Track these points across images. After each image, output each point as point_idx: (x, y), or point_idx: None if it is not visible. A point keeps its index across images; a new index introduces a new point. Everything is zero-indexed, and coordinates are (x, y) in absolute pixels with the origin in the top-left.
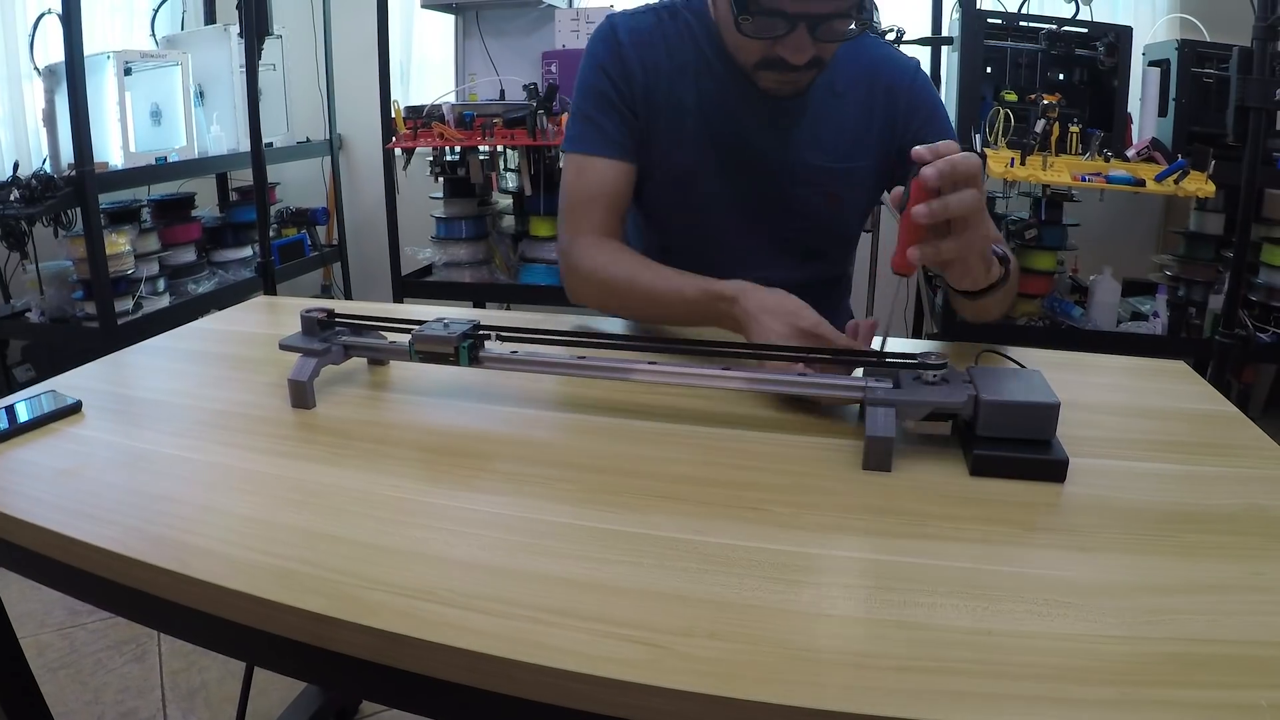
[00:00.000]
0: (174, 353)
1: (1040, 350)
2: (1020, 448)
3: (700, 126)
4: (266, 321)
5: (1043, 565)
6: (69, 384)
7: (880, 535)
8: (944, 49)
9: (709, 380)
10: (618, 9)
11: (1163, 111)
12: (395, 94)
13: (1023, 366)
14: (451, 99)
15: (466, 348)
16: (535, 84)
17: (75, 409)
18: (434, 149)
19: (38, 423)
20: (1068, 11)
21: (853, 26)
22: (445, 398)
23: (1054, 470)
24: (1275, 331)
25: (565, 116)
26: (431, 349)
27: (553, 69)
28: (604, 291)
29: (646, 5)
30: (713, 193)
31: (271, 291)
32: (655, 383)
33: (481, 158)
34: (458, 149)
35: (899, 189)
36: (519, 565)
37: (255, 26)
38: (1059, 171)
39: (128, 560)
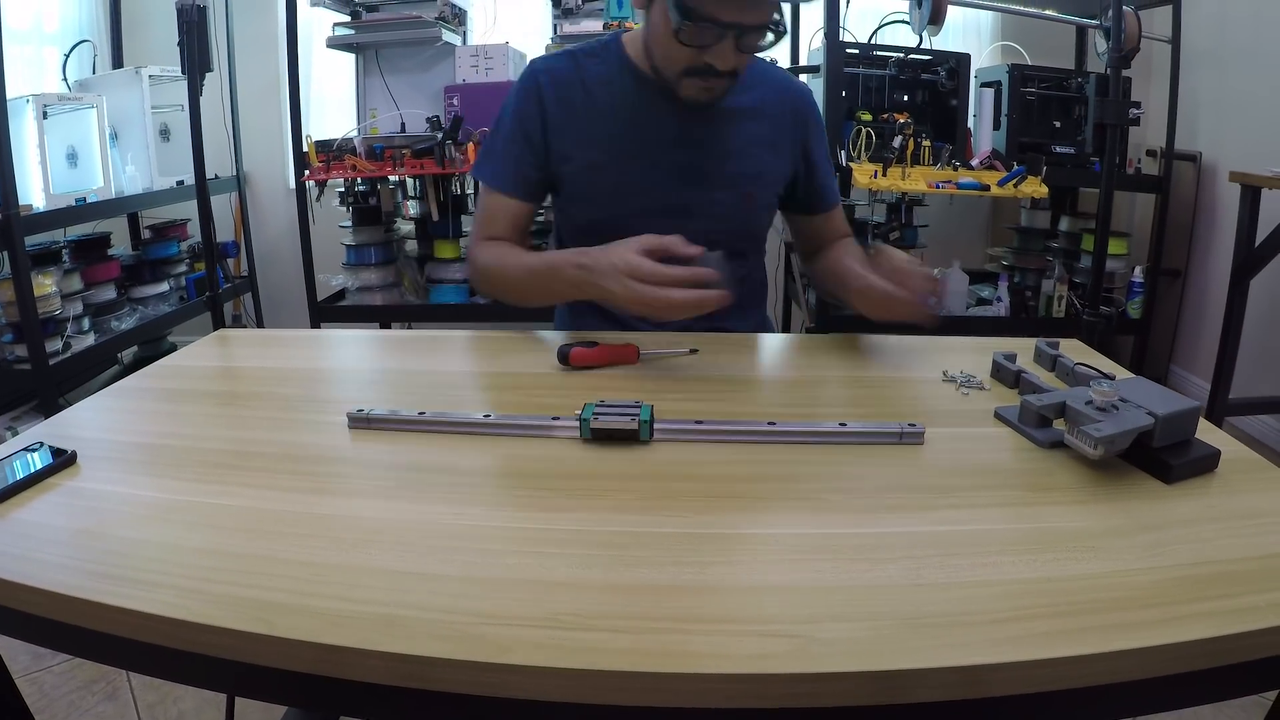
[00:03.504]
0: (150, 394)
1: (934, 337)
2: (1184, 449)
3: (622, 148)
4: (230, 355)
5: (1057, 519)
6: (47, 433)
7: (923, 510)
8: (804, 76)
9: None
10: (512, 45)
11: (996, 125)
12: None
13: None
14: (354, 133)
15: (647, 420)
16: (438, 116)
17: (70, 460)
18: (345, 180)
19: (34, 479)
20: (912, 41)
21: (769, 39)
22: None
23: (1213, 462)
24: (1100, 307)
25: (472, 145)
26: (612, 427)
27: (455, 102)
28: (493, 279)
29: (565, 50)
30: (640, 206)
31: (220, 323)
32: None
33: (390, 187)
34: (364, 179)
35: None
36: (623, 579)
37: (198, 63)
38: (916, 181)
39: (196, 626)
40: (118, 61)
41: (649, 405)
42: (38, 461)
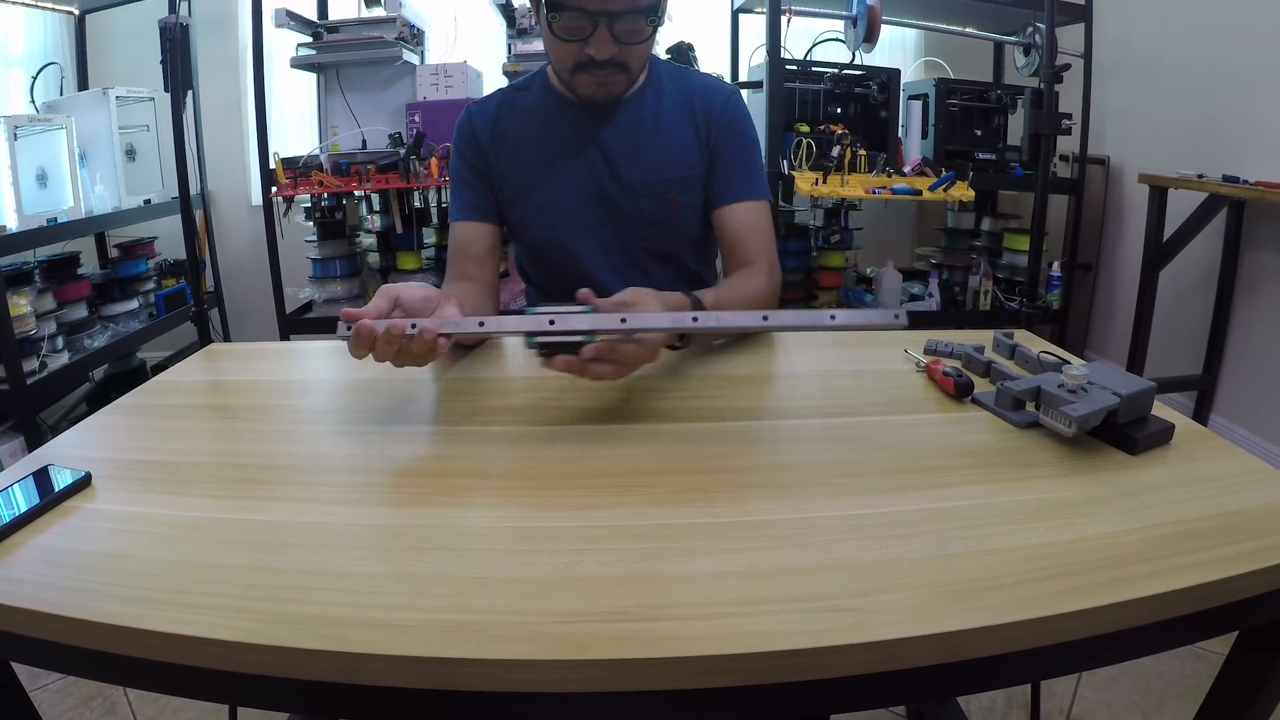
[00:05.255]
0: (151, 410)
1: (873, 332)
2: (1143, 424)
3: (552, 167)
4: (223, 369)
5: (1048, 491)
6: (55, 455)
7: (931, 488)
8: (746, 91)
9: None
10: (470, 62)
11: (924, 135)
12: (254, 148)
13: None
14: (318, 150)
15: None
16: (399, 133)
17: (85, 482)
18: (312, 195)
19: (50, 503)
20: (844, 57)
21: (649, 27)
22: (472, 425)
23: (1168, 434)
24: (1020, 300)
25: (435, 160)
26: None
27: (416, 118)
28: None
29: (497, 90)
30: (575, 221)
31: (206, 339)
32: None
33: (354, 201)
34: (330, 194)
35: None
36: (679, 569)
37: (180, 80)
38: (854, 187)
39: (260, 648)
40: (83, 83)
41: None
42: (51, 485)
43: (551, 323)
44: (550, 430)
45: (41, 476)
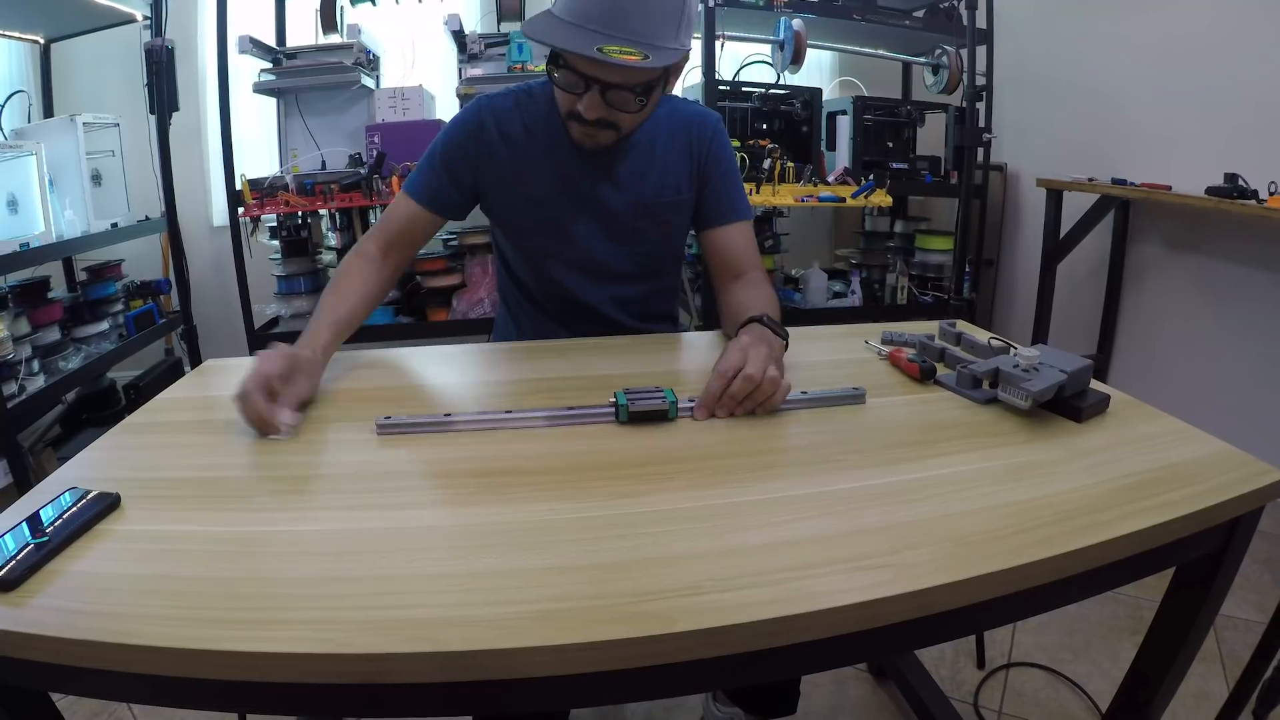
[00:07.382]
0: (162, 428)
1: (816, 326)
2: (1084, 396)
3: (557, 181)
4: (223, 384)
5: (1017, 456)
6: (76, 477)
7: (922, 459)
8: None
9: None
10: (426, 88)
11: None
12: (215, 171)
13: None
14: (281, 172)
15: (674, 402)
16: (359, 154)
17: (115, 503)
18: (278, 215)
19: (82, 527)
20: (769, 77)
21: (640, 100)
22: (500, 426)
23: (1105, 404)
24: (933, 294)
25: (395, 179)
26: (645, 409)
27: (376, 139)
28: (327, 288)
29: (507, 89)
30: (575, 232)
31: (198, 358)
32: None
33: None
34: (294, 213)
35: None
36: (734, 543)
37: (166, 103)
38: (784, 196)
39: (353, 658)
40: (48, 111)
41: (670, 389)
42: (81, 508)
43: None
44: (573, 427)
45: (67, 499)
